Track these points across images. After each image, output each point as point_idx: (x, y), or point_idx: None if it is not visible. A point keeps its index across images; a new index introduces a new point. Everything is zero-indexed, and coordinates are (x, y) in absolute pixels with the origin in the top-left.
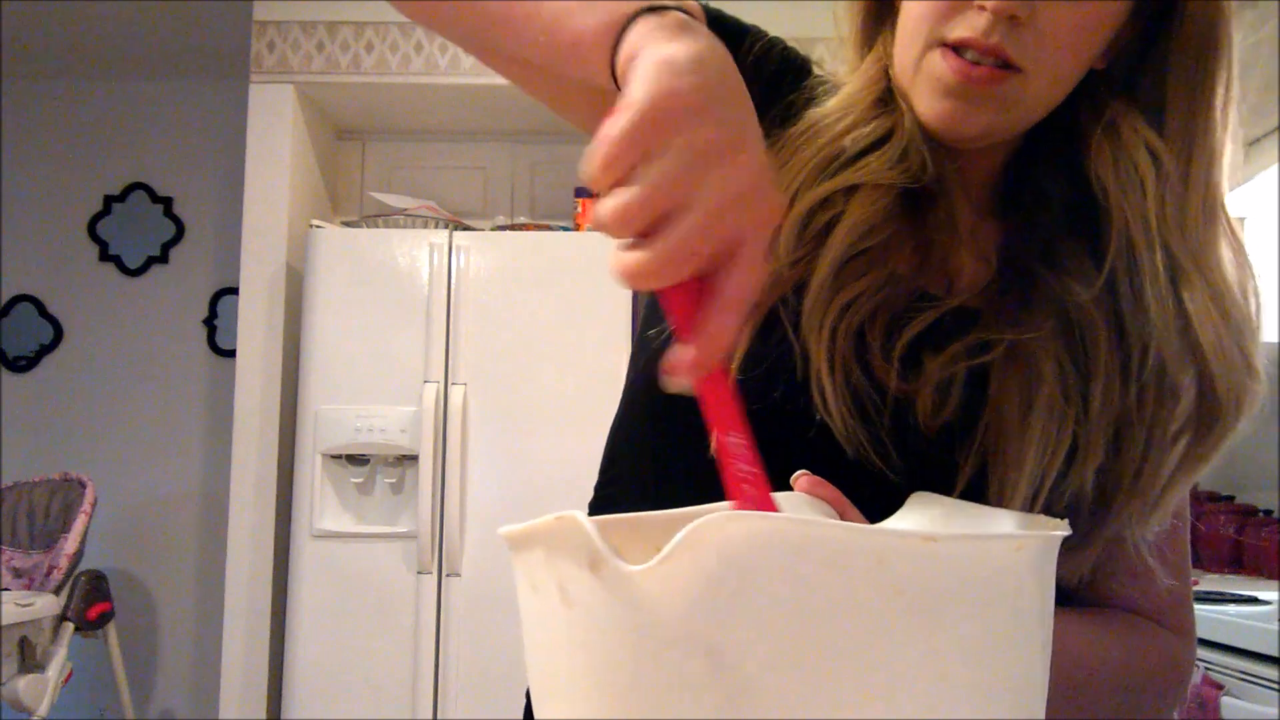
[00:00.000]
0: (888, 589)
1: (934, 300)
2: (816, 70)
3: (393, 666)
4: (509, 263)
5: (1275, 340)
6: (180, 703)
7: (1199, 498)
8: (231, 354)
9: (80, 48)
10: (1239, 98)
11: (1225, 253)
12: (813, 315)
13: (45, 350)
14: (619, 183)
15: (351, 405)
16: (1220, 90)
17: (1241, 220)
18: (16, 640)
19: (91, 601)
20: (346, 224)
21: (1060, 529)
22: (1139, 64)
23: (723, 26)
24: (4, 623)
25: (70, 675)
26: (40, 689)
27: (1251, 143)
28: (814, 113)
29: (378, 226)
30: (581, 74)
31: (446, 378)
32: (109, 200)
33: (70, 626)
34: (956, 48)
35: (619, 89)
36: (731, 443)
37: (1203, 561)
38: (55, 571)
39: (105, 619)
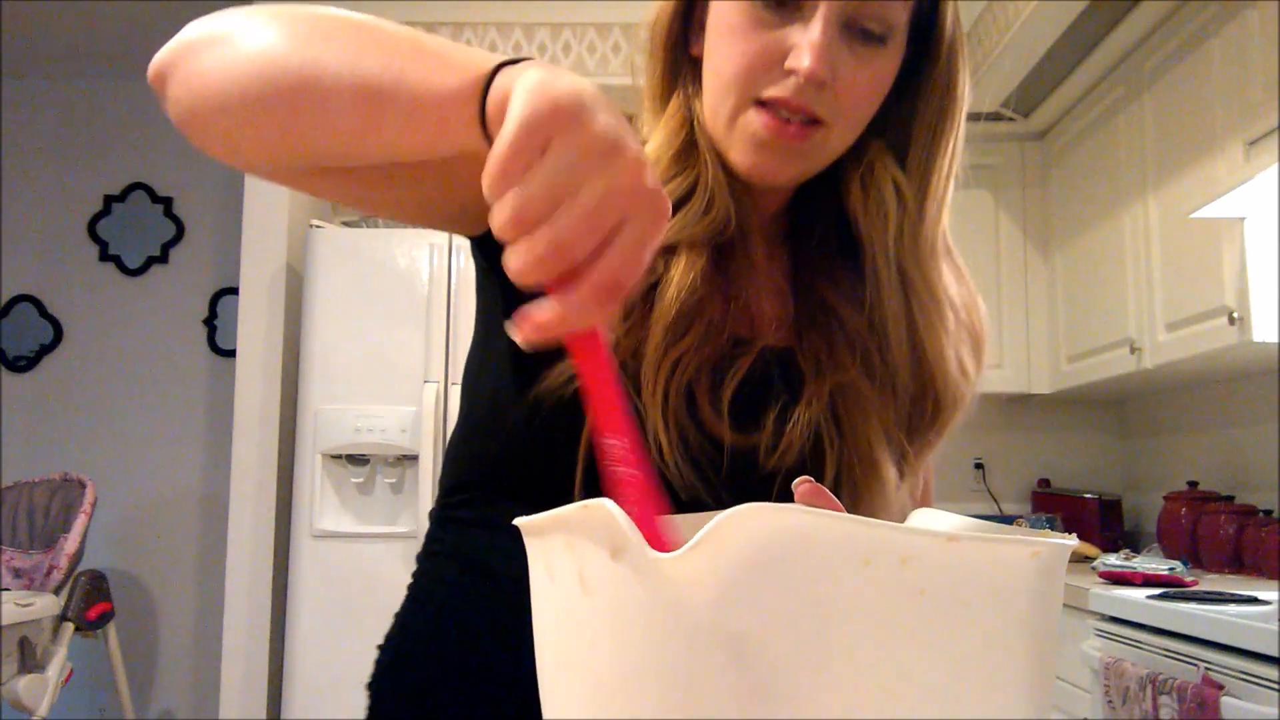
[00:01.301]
0: (910, 587)
1: (745, 344)
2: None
3: None
4: None
5: (1274, 340)
6: (180, 703)
7: (1199, 498)
8: (231, 354)
9: (80, 48)
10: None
11: (948, 274)
12: (647, 379)
13: (45, 350)
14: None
15: (351, 405)
16: (953, 138)
17: (1241, 220)
18: (16, 640)
19: (91, 601)
20: (346, 224)
21: (1070, 540)
22: (891, 108)
23: None
24: (4, 623)
25: (70, 675)
26: (40, 689)
27: (1251, 143)
28: None
29: (378, 226)
30: (451, 142)
31: (446, 378)
32: (109, 200)
33: (70, 626)
34: (768, 105)
35: (490, 142)
36: (613, 445)
37: (1203, 561)
38: (55, 571)
39: (105, 619)
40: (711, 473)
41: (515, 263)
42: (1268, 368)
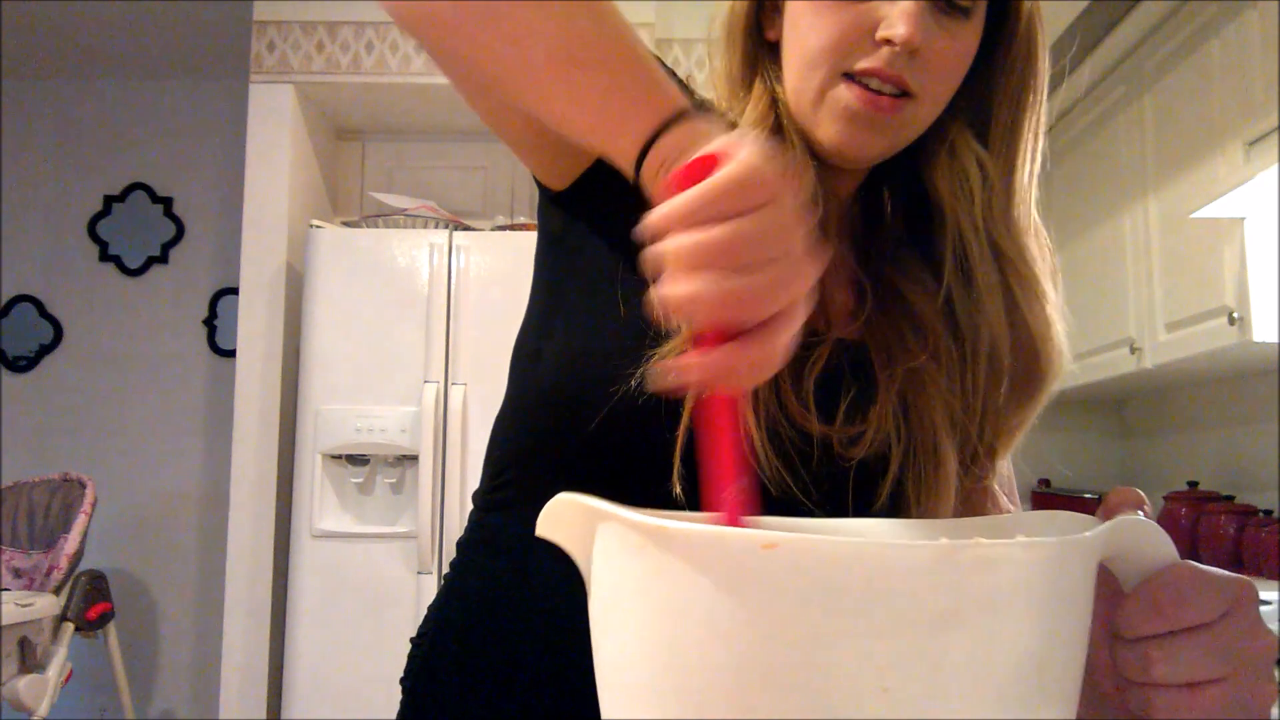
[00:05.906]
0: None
1: (819, 335)
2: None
3: (393, 666)
4: (509, 263)
5: (1274, 340)
6: (180, 703)
7: (1199, 498)
8: (231, 354)
9: (80, 48)
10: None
11: (1033, 246)
12: None
13: (45, 350)
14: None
15: (351, 405)
16: (1038, 110)
17: (1241, 220)
18: (16, 640)
19: (91, 601)
20: (346, 224)
21: (1077, 529)
22: (964, 87)
23: None
24: (4, 623)
25: (70, 675)
26: (40, 689)
27: (1251, 143)
28: None
29: (378, 226)
30: (599, 146)
31: (446, 378)
32: (109, 200)
33: (70, 626)
34: (860, 77)
35: (634, 173)
36: (738, 489)
37: (1203, 561)
38: (55, 571)
39: (105, 619)
40: (802, 466)
41: (683, 290)
42: (1268, 368)
